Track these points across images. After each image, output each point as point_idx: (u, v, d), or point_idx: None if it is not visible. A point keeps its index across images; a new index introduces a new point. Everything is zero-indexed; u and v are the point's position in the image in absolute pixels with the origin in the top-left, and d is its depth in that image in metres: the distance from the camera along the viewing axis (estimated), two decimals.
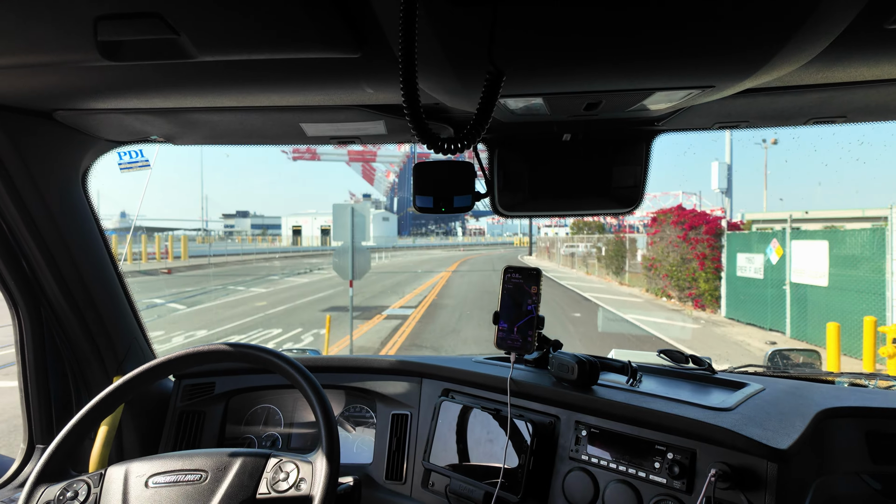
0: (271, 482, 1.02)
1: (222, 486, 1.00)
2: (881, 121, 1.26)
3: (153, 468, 1.03)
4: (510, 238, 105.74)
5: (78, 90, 1.04)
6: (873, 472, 1.16)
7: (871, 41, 0.79)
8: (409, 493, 1.45)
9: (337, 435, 1.04)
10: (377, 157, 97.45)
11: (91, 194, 1.44)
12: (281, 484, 1.02)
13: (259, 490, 1.01)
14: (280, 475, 1.03)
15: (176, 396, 1.66)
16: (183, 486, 1.00)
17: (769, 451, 1.02)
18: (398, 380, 1.60)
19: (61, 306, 1.41)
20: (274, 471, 1.04)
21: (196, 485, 1.00)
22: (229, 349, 1.13)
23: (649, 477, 1.14)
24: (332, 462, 1.00)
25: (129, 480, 1.02)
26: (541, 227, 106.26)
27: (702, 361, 1.47)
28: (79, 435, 1.06)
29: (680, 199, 78.42)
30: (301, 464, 1.04)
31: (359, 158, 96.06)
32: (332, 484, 0.98)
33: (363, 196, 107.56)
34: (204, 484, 1.00)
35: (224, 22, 0.73)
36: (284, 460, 1.05)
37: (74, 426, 1.05)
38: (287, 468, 1.03)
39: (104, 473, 1.04)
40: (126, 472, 1.03)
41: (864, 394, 1.35)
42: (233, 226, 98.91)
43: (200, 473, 1.01)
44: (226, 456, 1.04)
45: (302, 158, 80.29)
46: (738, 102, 1.10)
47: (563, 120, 1.13)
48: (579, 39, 0.68)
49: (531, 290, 1.31)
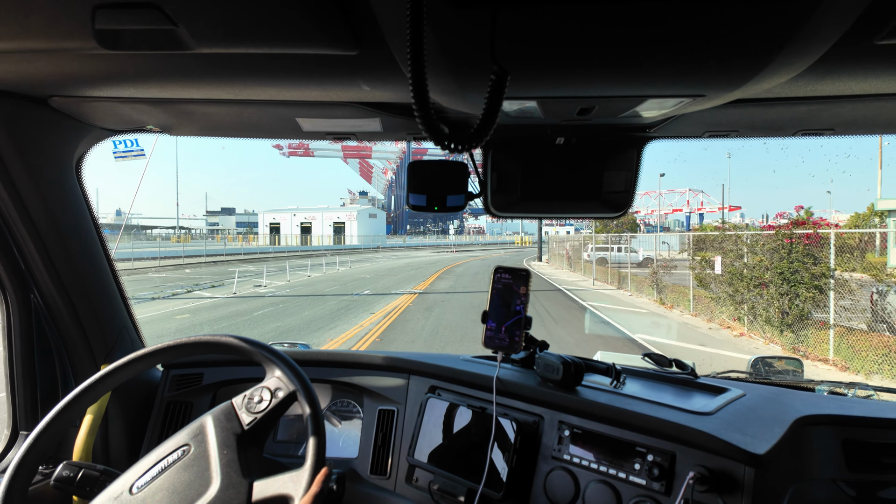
0: (248, 407, 1.06)
1: (209, 441, 1.01)
2: (867, 134, 1.29)
3: (130, 478, 1.01)
4: (510, 237, 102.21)
5: (74, 77, 1.04)
6: (849, 479, 1.18)
7: (860, 56, 0.81)
8: (392, 488, 1.46)
9: (324, 430, 1.05)
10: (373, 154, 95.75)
11: (84, 182, 1.44)
12: (259, 405, 1.05)
13: (243, 421, 1.04)
14: (254, 399, 1.07)
15: (164, 386, 1.66)
16: (173, 467, 1.00)
17: (747, 456, 1.04)
18: (386, 375, 1.61)
19: (51, 293, 1.41)
20: (245, 401, 1.07)
21: (185, 458, 1.01)
22: (219, 341, 1.14)
23: (629, 478, 1.16)
24: (318, 455, 1.01)
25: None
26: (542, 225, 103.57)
27: (685, 366, 1.49)
28: (63, 421, 1.05)
29: (686, 197, 78.00)
30: (264, 383, 1.08)
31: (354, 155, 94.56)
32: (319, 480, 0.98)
33: (360, 194, 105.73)
34: (192, 452, 1.01)
35: (223, 15, 0.74)
36: (248, 392, 1.08)
37: (59, 412, 1.05)
38: (255, 394, 1.07)
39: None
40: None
41: (843, 402, 1.37)
42: (217, 223, 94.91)
43: (182, 448, 1.02)
44: (194, 423, 1.06)
45: (295, 154, 78.65)
46: (729, 112, 1.12)
47: (557, 124, 1.14)
48: (575, 45, 0.69)
49: (520, 291, 1.33)
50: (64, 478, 1.09)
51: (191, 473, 0.99)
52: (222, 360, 1.68)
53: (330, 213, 76.74)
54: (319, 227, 74.16)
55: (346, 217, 75.63)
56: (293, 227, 74.77)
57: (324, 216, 75.76)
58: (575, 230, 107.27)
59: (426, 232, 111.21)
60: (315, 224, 75.11)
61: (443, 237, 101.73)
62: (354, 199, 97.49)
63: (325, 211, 77.62)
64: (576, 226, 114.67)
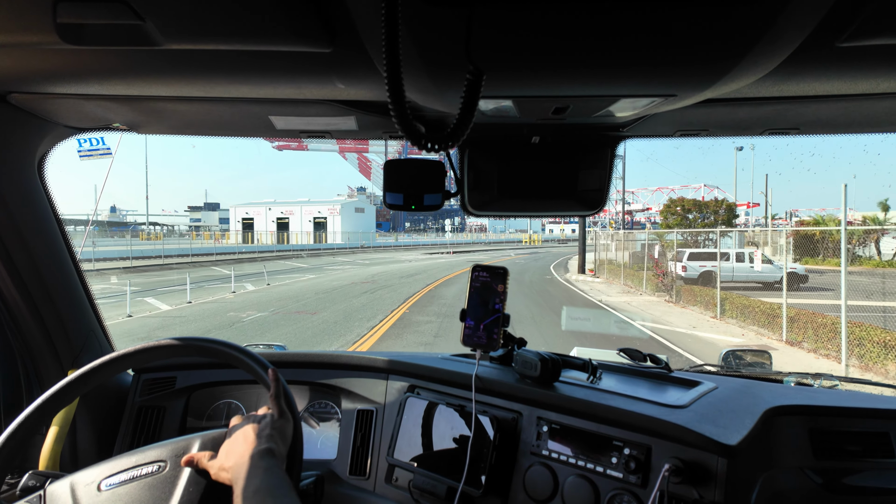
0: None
1: (184, 470, 0.96)
2: (831, 133, 1.33)
3: (103, 472, 0.99)
4: (514, 235, 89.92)
5: (35, 73, 1.00)
6: (815, 467, 1.22)
7: (823, 58, 0.84)
8: (372, 489, 1.46)
9: (301, 431, 1.03)
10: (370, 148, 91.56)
11: (48, 181, 1.39)
12: None
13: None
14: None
15: (135, 391, 1.62)
16: (142, 480, 0.97)
17: (719, 447, 1.07)
18: (364, 376, 1.60)
19: (13, 297, 1.35)
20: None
21: (156, 475, 0.97)
22: (192, 343, 1.11)
23: (607, 472, 1.17)
24: (294, 458, 1.00)
25: (76, 491, 0.97)
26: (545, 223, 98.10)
27: (659, 360, 1.53)
28: (29, 430, 1.02)
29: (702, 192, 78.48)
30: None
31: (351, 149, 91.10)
32: (294, 477, 0.97)
33: (358, 190, 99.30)
34: (164, 473, 0.97)
35: (191, 10, 0.72)
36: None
37: (24, 420, 1.01)
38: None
39: (44, 492, 0.98)
40: (71, 484, 0.98)
41: (810, 392, 1.42)
42: (199, 220, 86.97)
43: (158, 464, 0.98)
44: (182, 441, 1.01)
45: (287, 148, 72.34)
46: (699, 112, 1.14)
47: (532, 123, 1.15)
48: (550, 45, 0.69)
49: (498, 289, 1.33)
50: (31, 488, 1.05)
51: (153, 495, 0.95)
52: (196, 363, 1.65)
53: (310, 207, 66.48)
54: (298, 222, 64.58)
55: (328, 211, 65.53)
56: (268, 222, 65.16)
57: (303, 210, 66.00)
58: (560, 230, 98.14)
59: (426, 230, 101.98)
60: (293, 219, 65.38)
61: (441, 235, 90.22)
62: (352, 195, 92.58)
63: (305, 204, 67.23)
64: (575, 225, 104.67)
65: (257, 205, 69.24)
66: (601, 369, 1.46)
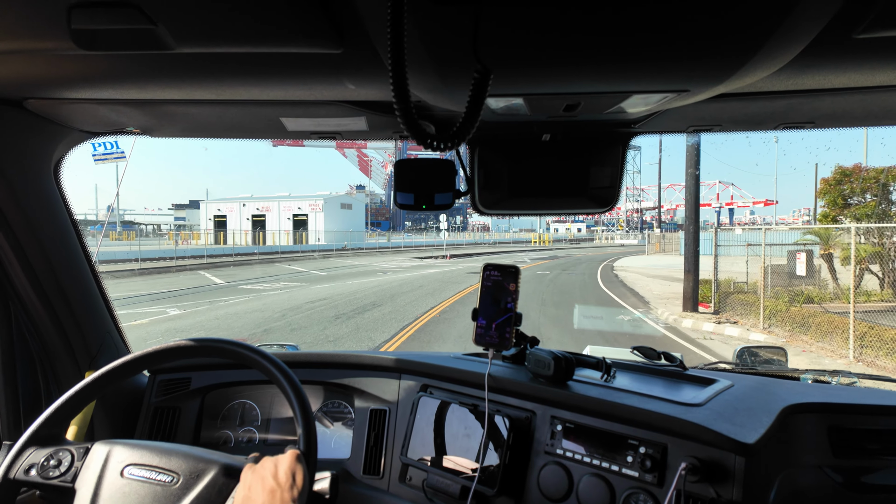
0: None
1: (190, 494, 0.98)
2: (847, 127, 1.31)
3: (132, 457, 1.02)
4: (519, 234, 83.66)
5: (51, 79, 1.02)
6: (835, 465, 1.20)
7: (840, 50, 0.82)
8: (386, 488, 1.46)
9: (314, 431, 1.04)
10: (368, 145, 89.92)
11: (63, 186, 1.41)
12: None
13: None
14: None
15: (150, 392, 1.64)
16: (153, 486, 0.99)
17: (737, 446, 1.05)
18: (377, 376, 1.60)
19: (31, 301, 1.38)
20: None
21: (166, 487, 0.99)
22: (207, 345, 1.12)
23: (622, 470, 1.16)
24: (308, 458, 1.00)
25: (108, 463, 1.01)
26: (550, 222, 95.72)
27: (674, 358, 1.51)
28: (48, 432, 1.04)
29: (716, 190, 77.15)
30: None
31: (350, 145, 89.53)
32: (307, 483, 0.98)
33: (357, 188, 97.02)
34: (174, 488, 0.99)
35: (203, 13, 0.72)
36: None
37: (43, 422, 1.03)
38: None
39: (90, 448, 1.04)
40: (108, 453, 1.03)
41: (827, 390, 1.40)
42: (184, 218, 76.79)
43: (173, 475, 1.00)
44: (202, 461, 1.03)
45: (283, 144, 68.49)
46: (712, 107, 1.13)
47: (543, 120, 1.15)
48: (560, 41, 0.69)
49: (510, 288, 1.33)
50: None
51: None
52: (210, 363, 1.66)
53: (289, 203, 56.18)
54: (276, 220, 54.52)
55: (309, 207, 55.06)
56: (242, 220, 55.02)
57: (280, 206, 55.68)
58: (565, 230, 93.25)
59: (427, 229, 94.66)
60: (270, 217, 55.45)
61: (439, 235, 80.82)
62: (352, 194, 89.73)
63: (284, 200, 57.05)
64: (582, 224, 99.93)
65: (231, 200, 58.82)
66: (615, 368, 1.45)
